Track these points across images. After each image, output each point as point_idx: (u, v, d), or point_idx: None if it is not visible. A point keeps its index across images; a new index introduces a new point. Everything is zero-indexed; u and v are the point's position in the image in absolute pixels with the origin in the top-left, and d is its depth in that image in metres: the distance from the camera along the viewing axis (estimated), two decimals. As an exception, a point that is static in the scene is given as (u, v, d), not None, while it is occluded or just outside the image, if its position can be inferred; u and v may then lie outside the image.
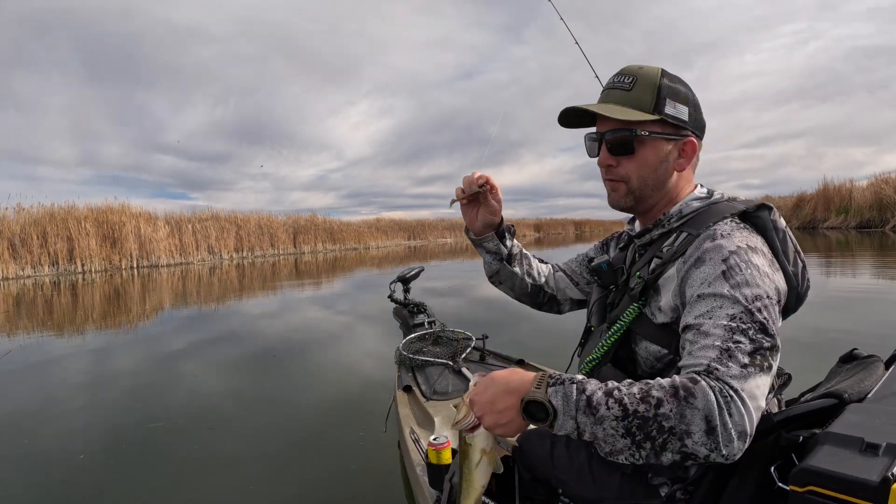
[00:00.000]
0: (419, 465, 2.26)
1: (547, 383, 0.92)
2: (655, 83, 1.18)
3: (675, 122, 1.18)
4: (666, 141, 1.19)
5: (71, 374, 5.43)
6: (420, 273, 3.79)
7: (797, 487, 0.85)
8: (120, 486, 2.83)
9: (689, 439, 0.82)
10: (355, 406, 3.86)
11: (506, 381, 0.96)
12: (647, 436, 0.84)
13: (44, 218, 21.42)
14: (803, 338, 4.86)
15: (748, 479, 0.99)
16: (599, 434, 0.87)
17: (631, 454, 0.87)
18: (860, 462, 0.82)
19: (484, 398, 0.97)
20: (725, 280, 0.99)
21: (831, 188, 30.77)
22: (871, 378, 1.13)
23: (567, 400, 0.89)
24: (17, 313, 10.42)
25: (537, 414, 0.91)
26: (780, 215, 1.16)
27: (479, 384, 1.01)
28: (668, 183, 1.23)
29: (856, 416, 0.95)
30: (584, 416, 0.88)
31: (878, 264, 11.30)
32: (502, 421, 0.95)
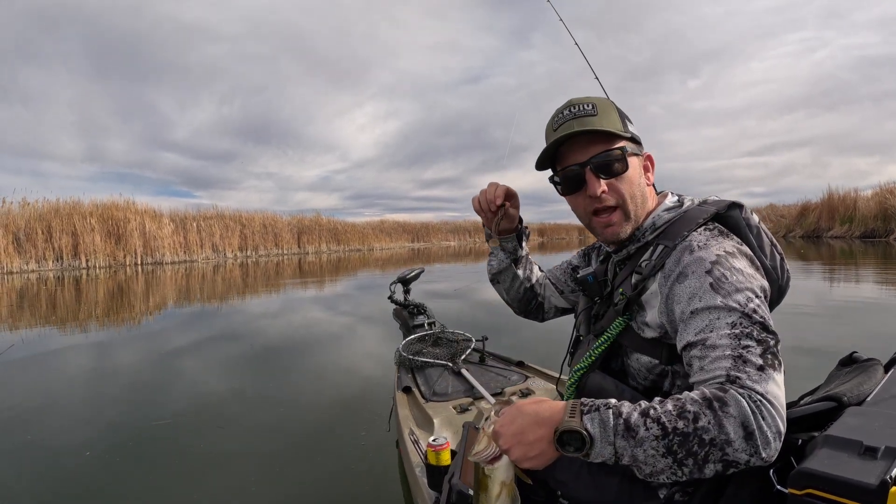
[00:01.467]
0: (418, 466, 2.26)
1: (581, 411, 0.90)
2: (614, 107, 1.20)
3: (637, 140, 1.21)
4: (637, 157, 1.21)
5: (75, 369, 5.44)
6: (420, 274, 3.79)
7: (796, 490, 0.85)
8: (127, 484, 2.82)
9: (730, 447, 0.82)
10: (356, 407, 3.85)
11: (535, 412, 0.93)
12: (688, 452, 0.83)
13: (49, 213, 21.54)
14: (804, 345, 4.85)
15: (747, 482, 0.99)
16: (640, 456, 0.86)
17: (672, 472, 0.85)
18: (859, 465, 0.81)
19: (511, 429, 0.93)
20: (716, 292, 0.99)
21: (836, 197, 30.71)
22: (870, 381, 1.13)
23: (604, 426, 0.87)
24: (21, 307, 10.46)
25: (572, 444, 0.88)
26: (752, 211, 1.17)
27: (504, 414, 0.97)
28: (647, 198, 1.25)
29: (854, 419, 0.95)
30: (623, 440, 0.86)
31: (881, 274, 11.25)
32: (532, 453, 0.92)
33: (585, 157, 1.18)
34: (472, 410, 2.66)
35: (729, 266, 1.02)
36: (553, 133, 1.22)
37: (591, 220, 1.25)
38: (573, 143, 1.19)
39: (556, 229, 67.99)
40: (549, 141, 1.22)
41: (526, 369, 3.21)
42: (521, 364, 3.25)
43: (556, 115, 1.23)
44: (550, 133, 1.24)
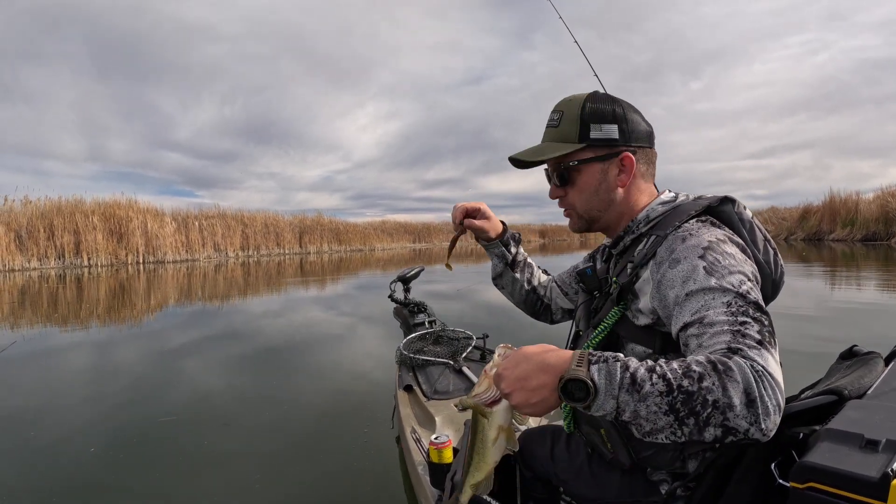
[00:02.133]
0: (420, 464, 2.26)
1: (589, 361, 0.88)
2: (577, 113, 1.23)
3: (603, 143, 1.22)
4: (599, 162, 1.23)
5: (77, 366, 5.45)
6: (420, 273, 3.79)
7: (797, 484, 0.85)
8: (130, 481, 2.82)
9: (731, 412, 0.80)
10: (357, 405, 3.85)
11: (541, 359, 0.90)
12: (691, 411, 0.82)
13: (51, 211, 21.58)
14: (804, 346, 4.85)
15: (748, 476, 0.99)
16: (642, 412, 0.84)
17: (672, 432, 0.84)
18: (860, 458, 0.82)
19: (514, 374, 0.92)
20: (710, 274, 1.00)
21: (837, 200, 30.66)
22: (870, 374, 1.13)
23: (610, 378, 0.85)
24: (23, 305, 10.47)
25: (576, 393, 0.86)
26: (745, 206, 1.19)
27: (509, 358, 0.95)
28: (614, 200, 1.27)
29: (855, 412, 0.95)
30: (628, 394, 0.84)
31: (882, 277, 11.24)
32: (533, 399, 0.90)
33: (548, 167, 1.33)
34: None
35: (721, 251, 1.04)
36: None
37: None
38: None
39: (557, 231, 67.89)
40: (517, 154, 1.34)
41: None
42: None
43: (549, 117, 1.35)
44: None
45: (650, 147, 1.28)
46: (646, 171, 1.28)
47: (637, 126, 1.25)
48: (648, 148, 1.27)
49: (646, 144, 1.26)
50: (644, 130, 1.26)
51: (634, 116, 1.25)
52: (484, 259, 23.95)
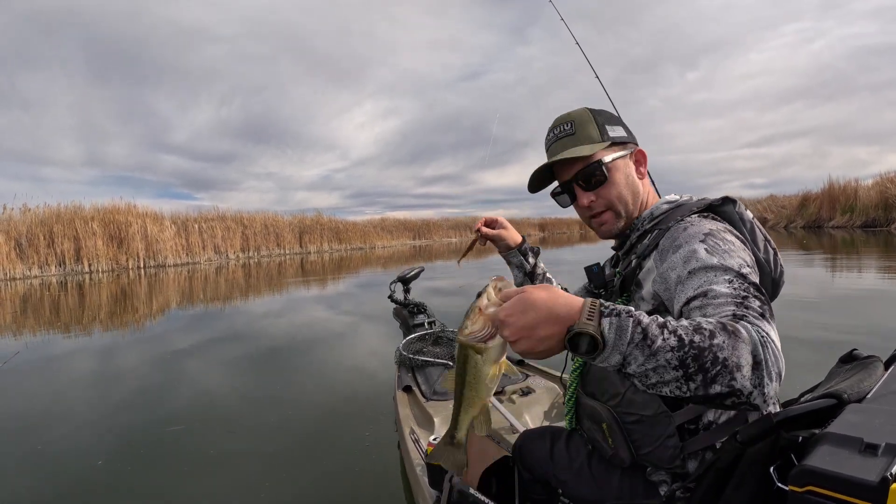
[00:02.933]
0: (419, 465, 2.26)
1: (601, 313, 0.85)
2: (591, 118, 1.33)
3: (620, 140, 1.33)
4: (622, 159, 1.33)
5: (82, 374, 5.45)
6: (420, 273, 3.79)
7: (796, 487, 0.85)
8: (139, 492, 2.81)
9: (738, 373, 0.80)
10: (359, 406, 3.86)
11: (549, 308, 0.86)
12: (700, 367, 0.80)
13: (50, 218, 21.58)
14: (805, 337, 4.84)
15: (747, 479, 0.99)
16: (650, 366, 0.82)
17: (678, 386, 0.83)
18: (859, 462, 0.81)
19: (522, 322, 0.87)
20: (711, 254, 1.03)
21: (836, 187, 30.66)
22: (870, 378, 1.13)
23: (621, 333, 0.83)
24: (25, 314, 10.48)
25: (583, 346, 0.84)
26: (746, 208, 1.24)
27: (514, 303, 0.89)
28: (639, 193, 1.35)
29: (855, 416, 0.94)
30: (637, 349, 0.83)
31: (882, 264, 11.23)
32: (539, 349, 0.87)
33: (571, 175, 1.34)
34: None
35: (721, 237, 1.08)
36: (546, 153, 1.41)
37: (590, 222, 1.40)
38: (561, 164, 1.35)
39: (556, 224, 67.86)
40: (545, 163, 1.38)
41: (527, 367, 3.21)
42: (522, 363, 3.24)
43: (546, 135, 1.41)
44: (546, 152, 1.41)
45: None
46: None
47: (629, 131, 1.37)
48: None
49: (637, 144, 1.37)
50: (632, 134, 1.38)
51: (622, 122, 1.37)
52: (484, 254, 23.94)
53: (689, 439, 1.17)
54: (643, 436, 1.22)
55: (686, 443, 1.17)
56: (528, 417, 2.50)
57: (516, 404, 2.66)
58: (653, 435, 1.20)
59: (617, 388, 1.26)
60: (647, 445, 1.21)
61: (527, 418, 2.49)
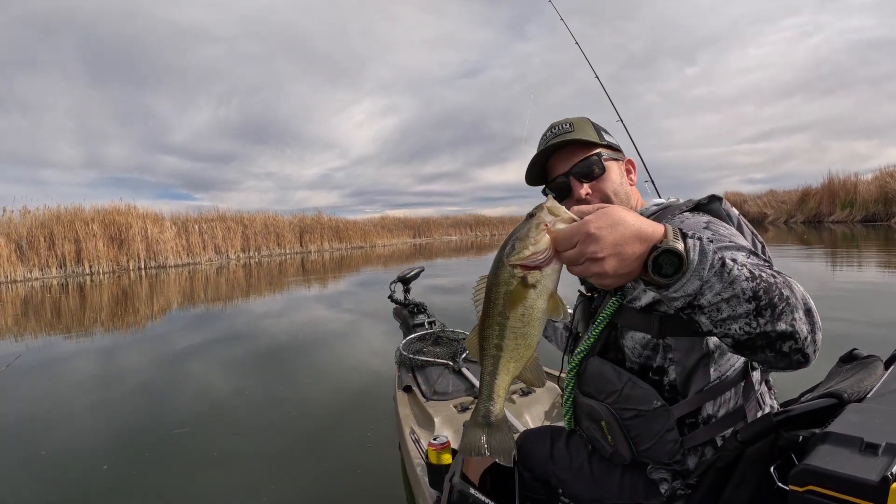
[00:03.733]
0: (419, 465, 2.26)
1: (685, 235, 0.82)
2: (588, 122, 1.38)
3: (615, 146, 1.38)
4: (615, 161, 1.37)
5: (85, 377, 5.44)
6: (420, 273, 3.78)
7: (797, 487, 0.85)
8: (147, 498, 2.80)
9: (798, 313, 0.81)
10: (360, 406, 3.86)
11: (637, 224, 0.81)
12: (770, 301, 0.80)
13: (50, 220, 21.56)
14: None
15: (748, 479, 0.99)
16: (725, 295, 0.80)
17: (748, 322, 0.81)
18: (859, 462, 0.81)
19: (613, 237, 0.79)
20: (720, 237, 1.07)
21: (836, 182, 30.62)
22: (870, 378, 1.13)
23: (703, 256, 0.80)
24: (27, 316, 10.49)
25: (665, 268, 0.80)
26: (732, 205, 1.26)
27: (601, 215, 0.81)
28: (630, 196, 1.37)
29: (855, 415, 0.94)
30: (716, 276, 0.80)
31: (882, 258, 11.22)
32: (623, 270, 0.81)
33: (568, 167, 1.34)
34: (472, 409, 2.65)
35: (720, 225, 1.13)
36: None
37: None
38: (557, 157, 1.37)
39: (557, 221, 67.75)
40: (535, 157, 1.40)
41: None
42: None
43: (542, 137, 1.42)
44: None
45: None
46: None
47: None
48: None
49: None
50: None
51: None
52: (484, 252, 23.99)
53: (689, 433, 1.17)
54: (642, 431, 1.21)
55: (686, 437, 1.17)
56: (528, 417, 2.49)
57: (516, 404, 2.66)
58: (652, 430, 1.20)
59: (614, 386, 1.25)
60: (647, 441, 1.21)
61: (527, 418, 2.49)
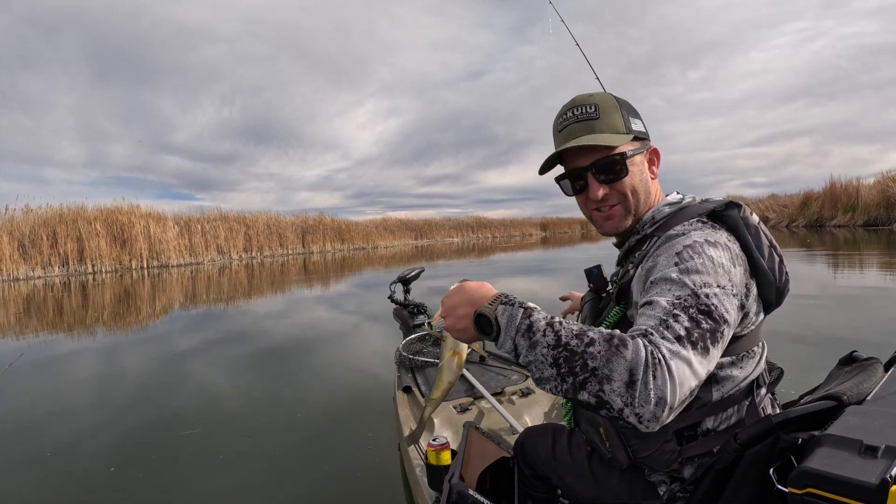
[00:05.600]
0: (419, 465, 2.26)
1: (501, 302, 0.97)
2: (616, 106, 1.23)
3: (641, 135, 1.24)
4: (641, 154, 1.25)
5: (87, 377, 5.44)
6: (420, 274, 3.78)
7: (796, 489, 0.85)
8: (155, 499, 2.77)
9: (608, 385, 0.82)
10: (361, 407, 3.86)
11: (470, 293, 1.03)
12: (570, 370, 0.85)
13: (53, 219, 21.62)
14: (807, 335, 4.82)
15: (747, 481, 0.99)
16: (531, 358, 0.90)
17: (556, 385, 0.88)
18: (859, 464, 0.81)
19: (449, 302, 1.05)
20: (675, 266, 1.01)
21: (838, 186, 30.67)
22: (870, 380, 1.13)
23: (511, 320, 0.93)
24: (29, 314, 10.51)
25: (485, 328, 0.97)
26: (752, 212, 1.16)
27: (452, 290, 1.08)
28: (650, 193, 1.27)
29: (855, 418, 0.94)
30: (523, 338, 0.92)
31: (884, 262, 11.20)
32: (458, 326, 1.03)
33: (588, 162, 1.22)
34: (472, 410, 2.65)
35: (700, 251, 1.03)
36: (558, 135, 1.27)
37: (592, 214, 1.31)
38: (579, 149, 1.22)
39: (558, 223, 67.74)
40: (555, 143, 1.28)
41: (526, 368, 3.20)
42: None
43: (561, 114, 1.27)
44: (556, 133, 1.28)
45: None
46: None
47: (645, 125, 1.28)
48: None
49: None
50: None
51: None
52: (485, 254, 24.01)
53: (687, 445, 1.15)
54: (640, 441, 1.20)
55: (684, 447, 1.15)
56: (528, 418, 2.49)
57: (516, 405, 2.66)
58: (649, 441, 1.18)
59: None
60: (644, 451, 1.19)
61: (527, 419, 2.49)
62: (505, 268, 15.31)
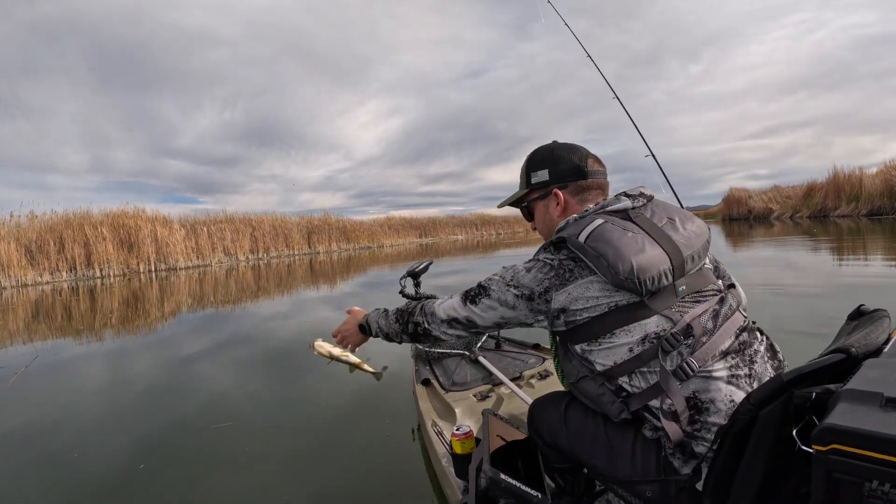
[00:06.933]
0: (444, 456, 2.28)
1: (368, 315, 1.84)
2: (524, 166, 1.68)
3: (539, 185, 1.63)
4: (540, 200, 1.65)
5: (104, 379, 5.44)
6: (429, 266, 3.78)
7: (820, 447, 0.85)
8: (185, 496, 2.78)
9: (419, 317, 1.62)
10: (377, 402, 3.85)
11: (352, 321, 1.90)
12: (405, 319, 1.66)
13: (59, 224, 21.67)
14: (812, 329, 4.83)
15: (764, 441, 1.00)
16: (384, 325, 1.74)
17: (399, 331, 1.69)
18: (881, 417, 0.82)
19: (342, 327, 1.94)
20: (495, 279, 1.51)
21: (841, 176, 30.51)
22: (877, 331, 1.13)
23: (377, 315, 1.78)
24: (38, 319, 10.56)
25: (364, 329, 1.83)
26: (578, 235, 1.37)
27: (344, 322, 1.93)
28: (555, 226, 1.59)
29: (873, 371, 0.95)
30: (382, 319, 1.75)
31: (890, 251, 11.17)
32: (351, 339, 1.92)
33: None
34: (491, 397, 2.68)
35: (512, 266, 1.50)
36: None
37: None
38: None
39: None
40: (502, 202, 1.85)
41: (542, 351, 3.23)
42: (538, 346, 3.27)
43: None
44: None
45: (582, 179, 1.57)
46: (581, 197, 1.58)
47: (565, 165, 1.58)
48: (581, 180, 1.57)
49: (575, 178, 1.57)
50: (572, 167, 1.57)
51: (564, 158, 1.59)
52: (490, 250, 23.97)
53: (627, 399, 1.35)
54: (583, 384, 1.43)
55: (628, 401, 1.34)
56: None
57: (535, 388, 2.69)
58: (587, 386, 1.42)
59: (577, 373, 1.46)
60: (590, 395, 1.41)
61: None
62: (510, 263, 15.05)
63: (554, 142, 1.65)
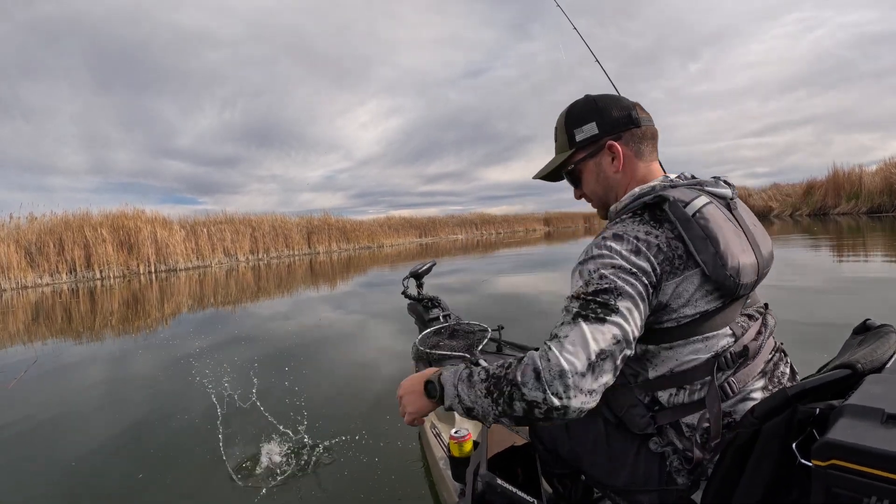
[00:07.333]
0: (442, 458, 2.28)
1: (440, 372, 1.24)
2: (562, 124, 1.43)
3: (588, 141, 1.38)
4: (590, 158, 1.40)
5: (104, 383, 5.44)
6: (432, 267, 3.77)
7: (820, 462, 0.85)
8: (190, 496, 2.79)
9: (526, 388, 1.03)
10: (376, 404, 3.87)
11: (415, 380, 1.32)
12: (500, 391, 1.07)
13: (59, 226, 21.64)
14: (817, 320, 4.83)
15: (767, 454, 0.99)
16: (472, 396, 1.13)
17: (493, 409, 1.09)
18: (882, 433, 0.81)
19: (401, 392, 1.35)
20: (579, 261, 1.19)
21: (841, 174, 30.56)
22: (883, 347, 1.12)
23: (454, 375, 1.19)
24: (37, 321, 10.55)
25: (431, 392, 1.24)
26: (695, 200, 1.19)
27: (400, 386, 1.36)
28: (614, 185, 1.40)
29: (875, 387, 0.94)
30: (463, 384, 1.16)
31: (890, 248, 11.16)
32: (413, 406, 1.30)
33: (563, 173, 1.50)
34: None
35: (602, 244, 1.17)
36: None
37: None
38: None
39: (561, 218, 67.31)
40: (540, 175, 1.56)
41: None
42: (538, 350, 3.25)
43: None
44: None
45: (636, 126, 1.36)
46: (637, 149, 1.37)
47: (618, 113, 1.36)
48: (634, 128, 1.36)
49: (628, 126, 1.36)
50: (622, 115, 1.36)
51: (612, 105, 1.37)
52: (490, 250, 23.97)
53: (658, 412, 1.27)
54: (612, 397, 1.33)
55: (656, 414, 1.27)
56: None
57: None
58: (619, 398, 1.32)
59: None
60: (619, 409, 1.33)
61: None
62: (509, 263, 15.34)
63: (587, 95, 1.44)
